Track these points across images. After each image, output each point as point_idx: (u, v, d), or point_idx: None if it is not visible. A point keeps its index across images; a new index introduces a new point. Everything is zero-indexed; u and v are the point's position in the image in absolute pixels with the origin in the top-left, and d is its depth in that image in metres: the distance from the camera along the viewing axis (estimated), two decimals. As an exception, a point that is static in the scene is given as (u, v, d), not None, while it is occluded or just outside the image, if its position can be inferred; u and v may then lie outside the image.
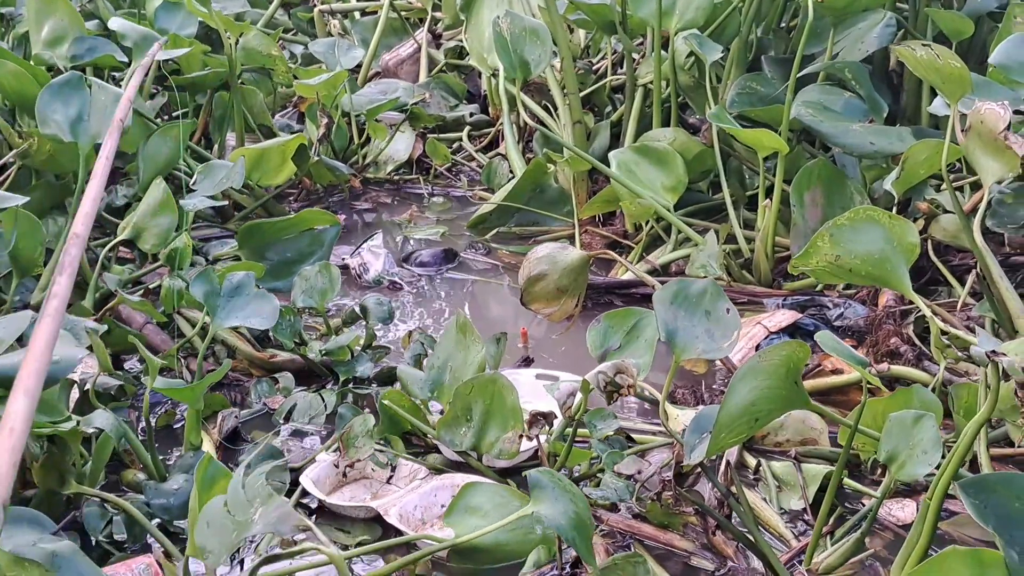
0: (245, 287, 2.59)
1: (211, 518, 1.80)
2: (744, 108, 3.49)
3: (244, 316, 2.58)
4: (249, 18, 5.20)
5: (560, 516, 1.92)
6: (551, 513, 1.93)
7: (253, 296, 2.60)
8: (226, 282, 2.59)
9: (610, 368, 2.24)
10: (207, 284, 2.57)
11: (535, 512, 1.94)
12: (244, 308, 2.58)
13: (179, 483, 2.27)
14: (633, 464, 2.23)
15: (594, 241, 3.77)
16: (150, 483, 2.30)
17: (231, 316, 2.58)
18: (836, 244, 2.41)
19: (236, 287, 2.59)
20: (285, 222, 3.31)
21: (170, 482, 2.30)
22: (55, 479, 2.15)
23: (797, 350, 2.01)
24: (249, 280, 2.61)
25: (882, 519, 2.34)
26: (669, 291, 2.38)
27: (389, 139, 4.43)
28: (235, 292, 2.59)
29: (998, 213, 2.91)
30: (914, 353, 2.86)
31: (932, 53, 2.67)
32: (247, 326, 2.69)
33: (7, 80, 3.38)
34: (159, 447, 2.54)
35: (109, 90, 3.23)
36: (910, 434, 1.99)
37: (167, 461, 2.47)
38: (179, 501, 2.22)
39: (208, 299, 2.57)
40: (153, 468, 2.35)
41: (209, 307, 2.58)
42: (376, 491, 2.41)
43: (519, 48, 3.88)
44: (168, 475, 2.34)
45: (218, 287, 2.58)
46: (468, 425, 2.39)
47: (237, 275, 2.60)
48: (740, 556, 2.20)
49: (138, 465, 2.40)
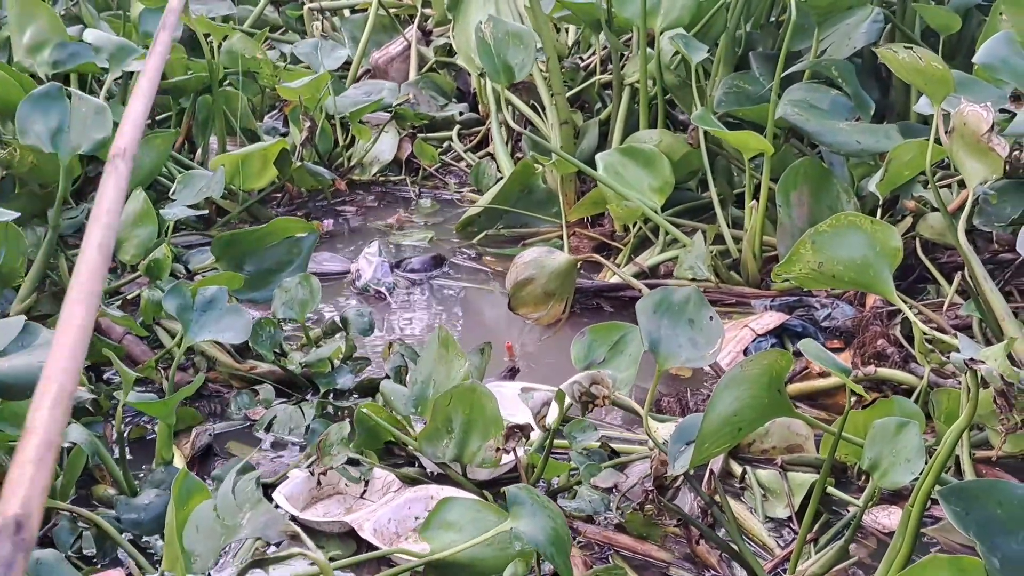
0: (218, 301, 2.58)
1: (200, 522, 1.84)
2: (732, 108, 3.48)
3: (217, 330, 2.57)
4: (238, 16, 5.18)
5: (539, 532, 1.92)
6: (529, 529, 1.92)
7: (226, 310, 2.58)
8: (199, 296, 2.57)
9: (585, 379, 2.22)
10: (180, 298, 2.55)
11: (513, 528, 1.94)
12: (217, 322, 2.56)
13: (150, 498, 2.26)
14: (611, 476, 2.23)
15: (582, 243, 3.75)
16: (121, 498, 2.29)
17: (204, 330, 2.56)
18: (819, 251, 2.39)
19: (209, 301, 2.57)
20: (261, 231, 3.29)
21: (141, 497, 2.28)
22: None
23: (779, 359, 2.00)
24: (222, 294, 2.59)
25: (868, 526, 2.33)
26: (652, 300, 2.37)
27: (374, 140, 4.41)
28: (208, 306, 2.57)
29: (985, 212, 2.89)
30: (901, 355, 2.85)
31: (914, 55, 2.65)
32: (220, 340, 2.67)
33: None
34: (131, 460, 2.53)
35: (89, 101, 3.21)
36: (893, 442, 1.98)
37: (139, 475, 2.45)
38: (150, 516, 2.21)
39: (181, 313, 2.55)
40: (124, 483, 2.33)
41: (182, 321, 2.57)
42: (350, 506, 2.39)
43: (502, 53, 3.86)
44: (139, 490, 2.33)
45: (191, 301, 2.56)
46: (449, 436, 2.37)
47: (210, 289, 2.59)
48: (724, 566, 2.19)
49: (109, 480, 2.38)
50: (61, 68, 3.68)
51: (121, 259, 3.10)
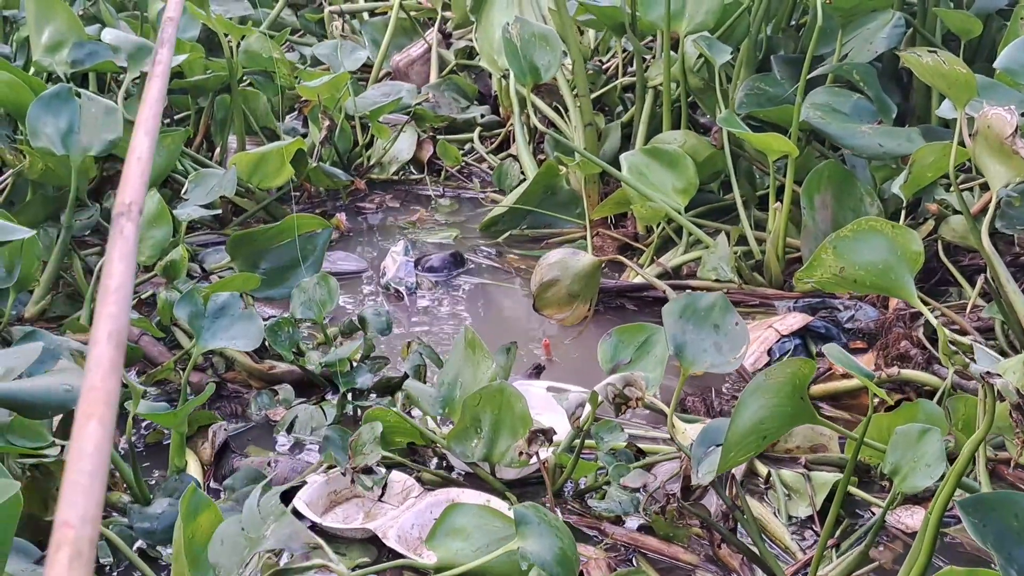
0: (230, 308, 2.58)
1: (226, 536, 1.86)
2: (753, 109, 3.49)
3: (229, 337, 2.57)
4: (255, 19, 5.22)
5: (546, 552, 1.93)
6: (536, 549, 1.93)
7: (238, 316, 2.58)
8: (211, 303, 2.57)
9: (619, 380, 2.25)
10: (191, 305, 2.55)
11: (520, 548, 1.94)
12: (229, 329, 2.56)
13: (163, 507, 2.25)
14: (639, 477, 2.25)
15: (605, 243, 3.78)
16: (134, 507, 2.28)
17: (216, 338, 2.56)
18: (840, 256, 2.41)
19: (221, 308, 2.57)
20: (275, 229, 3.30)
21: (154, 506, 2.27)
22: (38, 505, 2.12)
23: (802, 367, 2.02)
24: (234, 300, 2.59)
25: (891, 526, 2.35)
26: (678, 305, 2.40)
27: (393, 140, 4.44)
28: (220, 313, 2.57)
29: (1007, 215, 2.91)
30: (924, 356, 2.87)
31: (938, 59, 2.67)
32: (232, 348, 2.68)
33: (1, 90, 3.36)
34: (148, 465, 2.54)
35: (99, 102, 3.22)
36: (915, 448, 2.00)
37: (151, 482, 2.46)
38: (163, 525, 2.21)
39: (192, 321, 2.55)
40: (138, 490, 2.32)
41: (194, 328, 2.57)
42: (369, 509, 2.40)
43: (529, 54, 3.89)
44: (152, 497, 2.32)
45: (203, 308, 2.56)
46: (479, 436, 2.39)
47: (221, 296, 2.59)
48: (745, 569, 2.22)
49: (122, 486, 2.37)
50: (79, 68, 3.68)
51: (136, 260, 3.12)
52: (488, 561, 1.99)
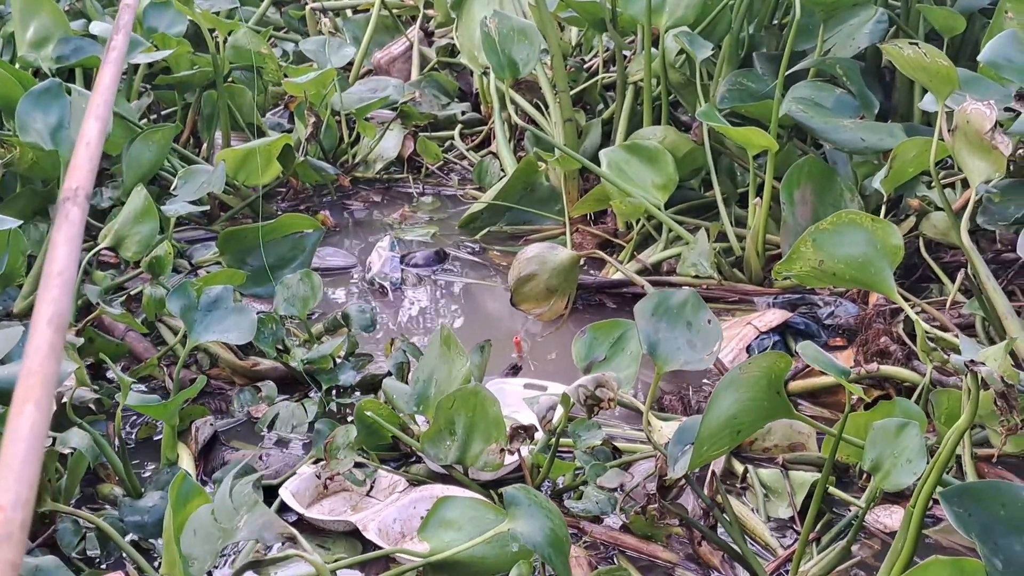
0: (223, 301, 2.57)
1: (198, 525, 1.84)
2: (734, 104, 3.47)
3: (222, 331, 2.56)
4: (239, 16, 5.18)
5: (536, 533, 1.91)
6: (527, 530, 1.91)
7: (231, 310, 2.57)
8: (204, 296, 2.56)
9: (590, 382, 2.22)
10: (184, 298, 2.54)
11: (511, 529, 1.93)
12: (222, 322, 2.55)
13: (154, 500, 2.24)
14: (616, 477, 2.22)
15: (585, 240, 3.74)
16: (125, 499, 2.28)
17: (209, 331, 2.55)
18: (819, 249, 2.39)
19: (214, 301, 2.56)
20: (267, 227, 3.28)
21: (145, 499, 2.27)
22: (30, 497, 2.12)
23: (778, 361, 1.99)
24: (227, 294, 2.58)
25: (870, 526, 2.32)
26: (650, 303, 2.37)
27: (379, 137, 4.40)
28: (213, 306, 2.56)
29: (988, 210, 2.89)
30: (904, 352, 2.84)
31: (919, 51, 2.64)
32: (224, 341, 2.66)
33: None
34: (139, 459, 2.52)
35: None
36: (894, 443, 1.98)
37: (144, 475, 2.45)
38: (154, 518, 2.20)
39: (185, 314, 2.54)
40: (129, 483, 2.32)
41: (186, 322, 2.55)
42: (356, 503, 2.39)
43: (507, 48, 3.86)
44: (144, 490, 2.32)
45: (196, 301, 2.55)
46: (452, 439, 2.36)
47: (215, 289, 2.58)
48: (726, 566, 2.19)
49: (114, 478, 2.37)
50: (65, 63, 3.67)
51: (123, 256, 3.09)
52: (478, 544, 1.96)
